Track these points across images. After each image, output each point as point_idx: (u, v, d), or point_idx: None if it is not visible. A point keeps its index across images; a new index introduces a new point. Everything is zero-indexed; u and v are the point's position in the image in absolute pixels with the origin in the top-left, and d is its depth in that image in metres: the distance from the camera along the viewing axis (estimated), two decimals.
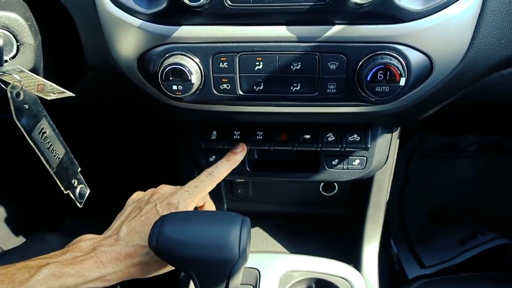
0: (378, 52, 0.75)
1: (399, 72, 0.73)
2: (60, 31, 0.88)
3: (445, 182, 1.96)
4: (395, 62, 0.73)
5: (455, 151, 1.97)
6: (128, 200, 0.91)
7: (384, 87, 0.75)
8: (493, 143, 1.94)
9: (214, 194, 1.28)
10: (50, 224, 1.53)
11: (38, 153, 0.79)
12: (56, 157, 0.83)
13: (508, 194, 1.86)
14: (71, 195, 0.88)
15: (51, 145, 0.82)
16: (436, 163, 1.98)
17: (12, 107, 0.74)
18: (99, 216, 1.37)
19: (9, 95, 0.73)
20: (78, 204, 0.90)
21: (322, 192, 1.29)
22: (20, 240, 1.44)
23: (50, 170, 0.82)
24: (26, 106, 0.76)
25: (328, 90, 0.79)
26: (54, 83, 0.79)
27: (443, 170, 1.97)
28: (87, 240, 0.78)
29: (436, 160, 1.98)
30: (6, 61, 0.76)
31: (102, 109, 1.21)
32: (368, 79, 0.74)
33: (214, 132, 1.00)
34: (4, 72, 0.72)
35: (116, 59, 0.84)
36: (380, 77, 0.74)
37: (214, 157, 1.03)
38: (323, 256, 1.09)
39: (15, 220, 1.49)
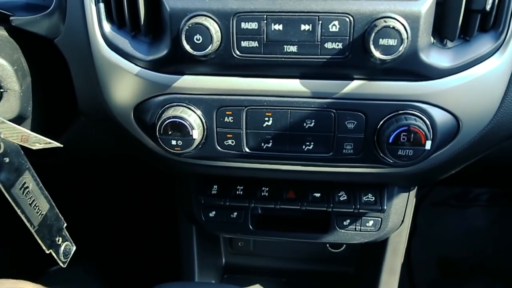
0: (400, 112, 0.68)
1: (424, 134, 0.66)
2: (51, 73, 0.82)
3: (455, 232, 1.87)
4: (420, 123, 0.67)
5: (466, 199, 1.88)
6: None
7: (407, 151, 0.67)
8: (506, 192, 1.86)
9: (212, 247, 1.20)
10: (35, 267, 1.43)
11: (18, 211, 0.71)
12: (38, 213, 0.75)
13: None
14: (54, 254, 0.79)
15: (33, 200, 0.74)
16: (446, 211, 1.89)
17: None
18: (85, 266, 1.28)
19: None
20: (61, 264, 0.81)
21: (329, 248, 1.20)
22: None
23: (31, 228, 0.74)
24: (7, 160, 0.68)
25: (344, 151, 0.72)
26: (42, 129, 0.72)
27: (453, 219, 1.88)
28: None
29: (446, 209, 1.89)
30: None
31: (94, 157, 1.13)
32: (390, 141, 0.67)
33: (215, 187, 0.92)
34: None
35: (111, 107, 0.78)
36: (404, 139, 0.67)
37: (214, 213, 0.94)
38: None
39: None
